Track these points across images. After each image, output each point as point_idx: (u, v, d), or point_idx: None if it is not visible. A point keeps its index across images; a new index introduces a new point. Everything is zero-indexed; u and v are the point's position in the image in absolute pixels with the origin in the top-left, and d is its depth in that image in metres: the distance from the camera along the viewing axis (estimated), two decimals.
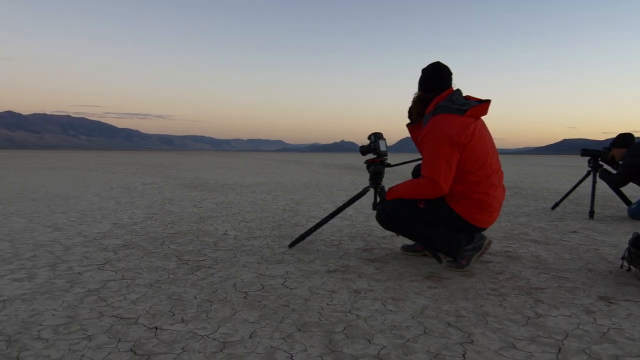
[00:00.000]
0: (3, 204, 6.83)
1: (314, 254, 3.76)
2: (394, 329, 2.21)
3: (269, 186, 10.60)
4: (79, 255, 3.69)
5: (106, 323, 2.26)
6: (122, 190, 9.36)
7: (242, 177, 14.12)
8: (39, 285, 2.87)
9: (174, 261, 3.49)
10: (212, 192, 9.09)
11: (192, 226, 5.05)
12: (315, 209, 6.63)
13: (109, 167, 20.23)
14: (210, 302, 2.57)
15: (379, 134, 3.67)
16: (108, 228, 4.90)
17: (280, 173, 16.63)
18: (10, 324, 2.26)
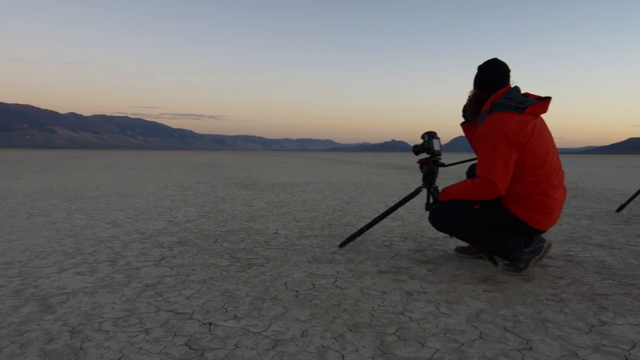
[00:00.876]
0: (67, 201, 7.22)
1: (365, 254, 3.75)
2: (448, 332, 2.17)
3: (318, 185, 10.65)
4: (137, 251, 3.84)
5: (162, 317, 2.34)
6: (176, 188, 9.67)
7: (292, 176, 14.27)
8: (100, 279, 3.02)
9: (226, 259, 3.58)
10: (263, 191, 9.24)
11: (244, 225, 5.16)
12: (365, 209, 6.60)
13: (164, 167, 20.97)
14: (262, 299, 2.61)
15: (433, 132, 3.60)
16: (164, 225, 5.08)
17: (329, 172, 16.68)
18: (73, 315, 2.38)
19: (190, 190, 9.20)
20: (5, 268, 3.28)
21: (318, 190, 9.39)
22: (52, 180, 11.98)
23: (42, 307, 2.50)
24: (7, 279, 3.02)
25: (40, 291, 2.77)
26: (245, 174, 15.26)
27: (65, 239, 4.33)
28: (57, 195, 8.20)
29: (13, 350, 1.97)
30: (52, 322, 2.28)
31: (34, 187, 9.84)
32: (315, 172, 17.19)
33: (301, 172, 17.09)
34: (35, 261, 3.48)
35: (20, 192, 8.59)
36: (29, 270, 3.22)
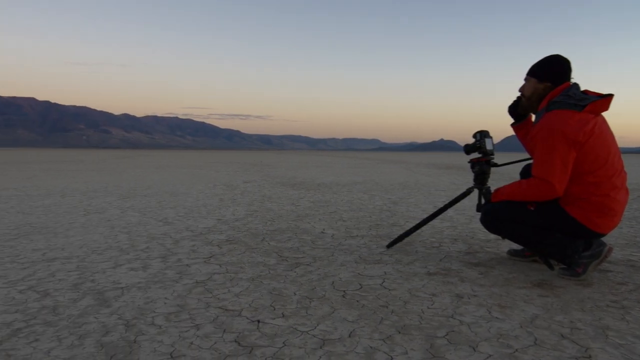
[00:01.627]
0: (120, 199, 7.53)
1: (413, 255, 3.71)
2: (501, 337, 2.11)
3: (365, 185, 10.61)
4: (187, 248, 3.96)
5: (212, 314, 2.40)
6: (224, 187, 9.89)
7: (338, 176, 14.28)
8: (152, 275, 3.12)
9: (274, 257, 3.62)
10: (309, 190, 9.30)
11: (291, 224, 5.21)
12: (413, 209, 6.52)
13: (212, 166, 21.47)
14: (309, 299, 2.63)
15: (485, 131, 3.51)
16: (213, 223, 5.20)
17: (376, 172, 16.58)
18: (128, 309, 2.48)
19: (238, 190, 9.38)
20: (65, 262, 3.45)
21: (365, 190, 9.35)
22: (107, 178, 12.52)
23: (99, 301, 2.61)
24: (66, 273, 3.18)
25: (97, 285, 2.90)
26: (292, 174, 15.40)
27: (119, 235, 4.51)
28: (112, 193, 8.56)
29: (72, 342, 2.07)
30: (108, 316, 2.38)
31: (90, 185, 10.30)
32: (362, 171, 17.12)
33: (347, 171, 17.07)
34: (92, 256, 3.65)
35: (78, 190, 9.02)
36: (86, 265, 3.38)
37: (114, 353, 1.95)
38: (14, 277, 3.06)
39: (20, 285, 2.88)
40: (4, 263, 3.42)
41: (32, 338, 2.10)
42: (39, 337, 2.11)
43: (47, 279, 3.02)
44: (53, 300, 2.61)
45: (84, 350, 1.98)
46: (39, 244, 4.11)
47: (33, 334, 2.15)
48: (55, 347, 2.01)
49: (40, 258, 3.59)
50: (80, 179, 12.13)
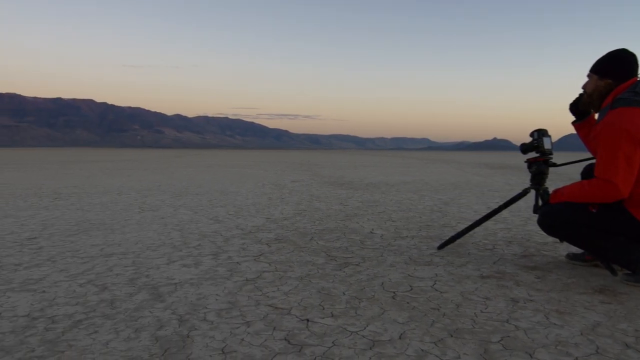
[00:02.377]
0: (173, 198, 7.77)
1: (465, 257, 3.63)
2: (560, 344, 2.03)
3: (414, 185, 10.48)
4: (237, 246, 4.04)
5: (262, 311, 2.44)
6: (273, 187, 10.02)
7: (387, 175, 14.16)
8: (204, 272, 3.21)
9: (322, 257, 3.64)
10: (358, 190, 9.27)
11: (339, 223, 5.21)
12: (465, 210, 6.38)
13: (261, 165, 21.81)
14: (358, 299, 2.63)
15: (544, 130, 3.38)
16: (262, 222, 5.28)
17: (426, 172, 16.34)
18: (181, 305, 2.56)
19: (286, 189, 9.48)
20: (121, 258, 3.60)
21: (414, 190, 9.24)
22: (160, 177, 12.95)
23: (153, 296, 2.71)
24: (122, 268, 3.31)
25: (152, 280, 3.01)
26: (340, 173, 15.41)
27: (172, 232, 4.66)
28: (165, 191, 8.85)
29: (129, 334, 2.15)
30: (162, 310, 2.47)
31: (145, 183, 10.70)
32: (411, 171, 16.92)
33: (396, 171, 16.91)
34: (147, 252, 3.79)
35: (133, 189, 9.38)
36: (141, 261, 3.51)
37: (168, 347, 2.02)
38: (74, 271, 3.22)
39: (81, 279, 3.03)
40: (66, 257, 3.60)
41: (92, 330, 2.21)
42: (98, 329, 2.21)
43: (105, 274, 3.16)
44: (111, 294, 2.73)
45: (139, 343, 2.06)
46: (97, 239, 4.30)
47: (92, 325, 2.26)
48: (113, 339, 2.10)
49: (98, 253, 3.76)
50: (135, 178, 12.61)
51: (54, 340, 2.09)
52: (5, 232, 4.63)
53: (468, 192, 8.88)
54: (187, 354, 1.95)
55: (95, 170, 16.76)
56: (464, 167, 21.23)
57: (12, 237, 4.36)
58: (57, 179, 12.19)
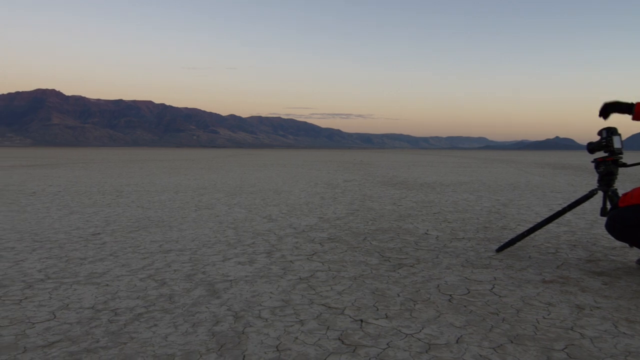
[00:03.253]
0: (228, 196, 7.96)
1: (526, 261, 3.50)
2: (630, 355, 1.92)
3: (471, 185, 10.23)
4: (290, 245, 4.08)
5: (316, 310, 2.45)
6: (325, 186, 10.06)
7: (442, 175, 13.90)
8: (258, 270, 3.26)
9: (376, 257, 3.62)
10: (411, 190, 9.16)
11: (393, 224, 5.16)
12: (525, 211, 6.17)
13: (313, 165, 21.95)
14: (413, 301, 2.59)
15: (613, 128, 3.21)
16: (314, 221, 5.32)
17: (483, 172, 15.90)
18: (236, 301, 2.62)
19: (339, 188, 9.49)
20: (179, 254, 3.72)
21: (471, 191, 9.02)
22: (215, 176, 13.30)
23: (210, 292, 2.78)
24: (180, 264, 3.43)
25: (208, 277, 3.09)
26: (393, 173, 15.27)
27: (227, 230, 4.77)
28: (220, 190, 9.08)
29: (187, 329, 2.22)
30: (218, 306, 2.53)
31: (200, 182, 11.02)
32: (467, 171, 16.52)
33: (452, 171, 16.56)
34: (203, 249, 3.90)
35: (189, 187, 9.68)
36: (198, 258, 3.61)
37: (224, 342, 2.07)
38: (135, 266, 3.36)
39: (141, 274, 3.16)
40: (127, 253, 3.77)
41: (152, 323, 2.29)
42: (158, 323, 2.30)
43: (164, 269, 3.28)
44: (169, 289, 2.83)
45: (197, 337, 2.12)
46: (156, 236, 4.47)
47: (152, 319, 2.35)
48: (171, 333, 2.17)
49: (157, 249, 3.90)
50: (192, 177, 13.01)
51: (117, 332, 2.19)
52: (72, 227, 4.90)
53: (528, 193, 8.57)
54: (243, 350, 1.99)
55: (153, 169, 17.43)
56: (523, 167, 20.51)
57: (77, 233, 4.61)
58: (118, 177, 12.77)
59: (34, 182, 10.82)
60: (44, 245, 4.02)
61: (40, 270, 3.22)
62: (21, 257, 3.60)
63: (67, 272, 3.18)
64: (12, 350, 1.99)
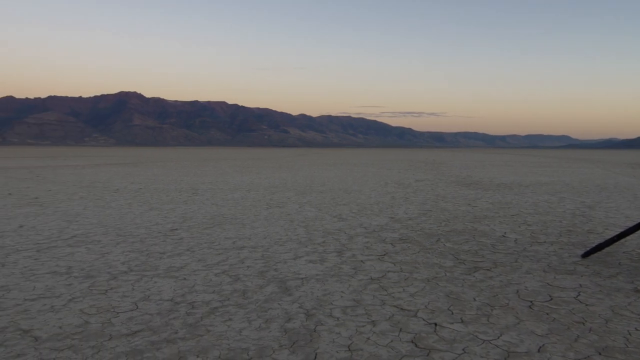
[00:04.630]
0: (298, 195, 8.07)
1: (615, 268, 3.28)
2: None
3: (553, 186, 9.73)
4: (361, 244, 4.07)
5: (388, 311, 2.43)
6: (396, 185, 9.95)
7: (521, 175, 13.34)
8: (329, 269, 3.28)
9: (450, 259, 3.53)
10: (487, 190, 8.86)
11: (467, 225, 5.02)
12: (613, 215, 5.78)
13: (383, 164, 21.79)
14: (490, 306, 2.50)
15: None
16: (385, 221, 5.27)
17: (565, 172, 15.08)
18: (307, 299, 2.65)
19: (410, 188, 9.36)
20: (252, 251, 3.82)
21: (552, 192, 8.58)
22: (286, 175, 13.54)
23: (282, 289, 2.84)
24: (253, 260, 3.52)
25: (280, 274, 3.15)
26: (467, 172, 14.84)
27: (298, 229, 4.84)
28: (290, 188, 9.23)
29: (260, 324, 2.28)
30: (290, 303, 2.57)
31: (271, 181, 11.26)
32: (548, 171, 15.74)
33: (531, 170, 15.85)
34: (275, 247, 3.98)
35: (261, 185, 9.92)
36: (270, 255, 3.69)
37: (296, 339, 2.10)
38: (210, 261, 3.49)
39: (216, 269, 3.27)
40: (203, 248, 3.92)
41: (227, 317, 2.37)
42: (232, 317, 2.37)
43: (238, 265, 3.38)
44: (243, 285, 2.91)
45: (269, 333, 2.17)
46: (230, 233, 4.61)
47: (227, 313, 2.43)
48: (245, 328, 2.23)
49: (231, 246, 4.03)
50: (263, 175, 13.32)
51: (194, 324, 2.28)
52: (152, 223, 5.17)
53: (617, 195, 8.03)
54: (314, 348, 2.01)
55: (226, 168, 18.03)
56: (611, 167, 19.24)
57: (157, 228, 4.85)
58: (194, 175, 13.33)
59: (117, 179, 11.53)
60: (126, 239, 4.27)
61: (123, 263, 3.43)
62: (106, 249, 3.85)
63: (148, 266, 3.36)
64: (99, 337, 2.13)
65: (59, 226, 4.90)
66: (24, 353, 1.99)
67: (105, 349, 2.02)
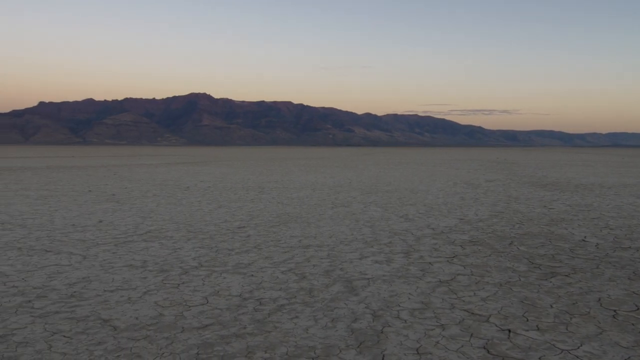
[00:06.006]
0: (363, 194, 8.05)
1: None
2: None
3: (639, 188, 9.13)
4: (429, 246, 4.00)
5: (457, 315, 2.37)
6: (465, 186, 9.69)
7: (602, 176, 12.60)
8: (396, 270, 3.25)
9: (524, 263, 3.39)
10: (564, 192, 8.43)
11: (543, 228, 4.80)
12: None
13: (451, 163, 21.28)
14: (569, 314, 2.38)
15: None
16: (454, 223, 5.14)
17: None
18: (374, 300, 2.63)
19: (480, 189, 9.08)
20: (317, 250, 3.85)
21: (638, 194, 8.04)
22: (350, 174, 13.54)
23: (348, 288, 2.84)
24: (319, 259, 3.55)
25: (346, 274, 3.16)
26: (542, 173, 14.21)
27: (363, 228, 4.83)
28: (355, 188, 9.22)
29: (326, 323, 2.29)
30: (357, 303, 2.57)
31: (336, 180, 11.30)
32: (633, 172, 14.76)
33: (613, 171, 14.93)
34: (340, 246, 3.98)
35: (325, 185, 9.98)
36: (335, 254, 3.71)
37: (363, 340, 2.09)
38: (277, 259, 3.55)
39: (282, 267, 3.33)
40: (269, 246, 4.00)
41: (293, 315, 2.41)
42: (299, 315, 2.40)
43: (304, 264, 3.42)
44: (309, 283, 2.94)
45: (336, 332, 2.18)
46: (296, 231, 4.67)
47: (294, 311, 2.46)
48: (312, 326, 2.25)
49: (297, 244, 4.08)
50: (328, 175, 13.40)
51: (262, 320, 2.33)
52: (220, 220, 5.33)
53: None
54: (382, 349, 2.00)
55: (291, 167, 18.29)
56: None
57: (225, 225, 5.00)
58: (260, 174, 13.63)
59: (187, 178, 12.00)
60: (197, 235, 4.44)
61: (194, 258, 3.56)
62: (178, 245, 4.01)
63: (217, 262, 3.47)
64: (172, 329, 2.23)
65: (134, 222, 5.17)
66: (104, 341, 2.11)
67: (178, 340, 2.10)
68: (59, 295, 2.73)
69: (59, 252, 3.75)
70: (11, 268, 3.31)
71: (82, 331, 2.22)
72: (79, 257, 3.61)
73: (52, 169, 15.36)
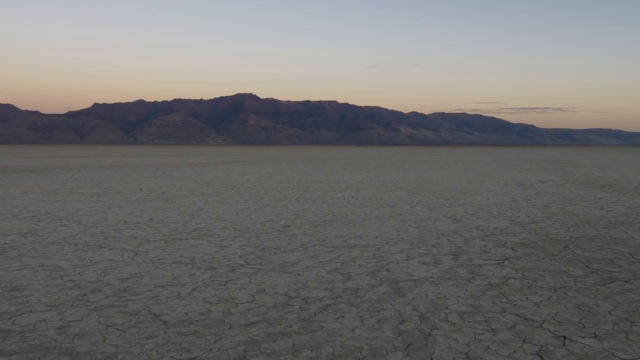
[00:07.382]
0: (409, 194, 7.96)
1: None
2: None
3: None
4: (478, 248, 3.91)
5: (509, 320, 2.31)
6: (516, 186, 9.43)
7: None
8: (444, 272, 3.20)
9: (580, 268, 3.27)
10: (624, 194, 8.07)
11: (600, 231, 4.60)
12: None
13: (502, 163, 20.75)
14: (630, 321, 2.28)
15: None
16: (505, 224, 5.01)
17: None
18: (421, 302, 2.60)
19: (532, 189, 8.81)
20: (363, 250, 3.84)
21: None
22: (396, 174, 13.42)
23: (394, 290, 2.81)
24: (364, 259, 3.53)
25: (392, 275, 3.13)
26: (599, 173, 13.64)
27: (410, 229, 4.77)
28: (401, 188, 9.13)
29: (372, 324, 2.28)
30: (403, 305, 2.54)
31: (381, 180, 11.23)
32: None
33: None
34: (386, 247, 3.96)
35: (371, 184, 9.93)
36: (381, 255, 3.68)
37: (410, 342, 2.07)
38: (322, 259, 3.56)
39: (328, 267, 3.34)
40: (315, 245, 4.01)
41: (339, 314, 2.41)
42: (345, 315, 2.40)
43: (349, 264, 3.41)
44: (354, 284, 2.93)
45: (382, 334, 2.16)
46: (341, 231, 4.67)
47: (339, 311, 2.46)
48: (358, 327, 2.25)
49: (342, 244, 4.08)
50: (373, 174, 13.33)
51: (308, 319, 2.34)
52: (266, 219, 5.40)
53: None
54: (430, 352, 1.97)
55: (336, 166, 18.30)
56: None
57: (271, 224, 5.06)
58: (305, 174, 13.71)
59: (233, 177, 12.22)
60: (243, 234, 4.51)
61: (241, 256, 3.62)
62: (225, 243, 4.09)
63: (263, 260, 3.52)
64: (220, 325, 2.27)
65: (183, 219, 5.31)
66: (155, 335, 2.17)
67: (225, 337, 2.14)
68: (113, 289, 2.84)
69: (112, 248, 3.89)
70: (68, 262, 3.47)
71: (134, 325, 2.29)
72: (131, 253, 3.74)
73: (106, 168, 15.99)
